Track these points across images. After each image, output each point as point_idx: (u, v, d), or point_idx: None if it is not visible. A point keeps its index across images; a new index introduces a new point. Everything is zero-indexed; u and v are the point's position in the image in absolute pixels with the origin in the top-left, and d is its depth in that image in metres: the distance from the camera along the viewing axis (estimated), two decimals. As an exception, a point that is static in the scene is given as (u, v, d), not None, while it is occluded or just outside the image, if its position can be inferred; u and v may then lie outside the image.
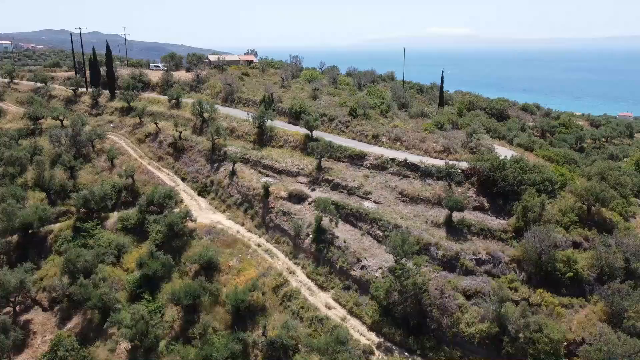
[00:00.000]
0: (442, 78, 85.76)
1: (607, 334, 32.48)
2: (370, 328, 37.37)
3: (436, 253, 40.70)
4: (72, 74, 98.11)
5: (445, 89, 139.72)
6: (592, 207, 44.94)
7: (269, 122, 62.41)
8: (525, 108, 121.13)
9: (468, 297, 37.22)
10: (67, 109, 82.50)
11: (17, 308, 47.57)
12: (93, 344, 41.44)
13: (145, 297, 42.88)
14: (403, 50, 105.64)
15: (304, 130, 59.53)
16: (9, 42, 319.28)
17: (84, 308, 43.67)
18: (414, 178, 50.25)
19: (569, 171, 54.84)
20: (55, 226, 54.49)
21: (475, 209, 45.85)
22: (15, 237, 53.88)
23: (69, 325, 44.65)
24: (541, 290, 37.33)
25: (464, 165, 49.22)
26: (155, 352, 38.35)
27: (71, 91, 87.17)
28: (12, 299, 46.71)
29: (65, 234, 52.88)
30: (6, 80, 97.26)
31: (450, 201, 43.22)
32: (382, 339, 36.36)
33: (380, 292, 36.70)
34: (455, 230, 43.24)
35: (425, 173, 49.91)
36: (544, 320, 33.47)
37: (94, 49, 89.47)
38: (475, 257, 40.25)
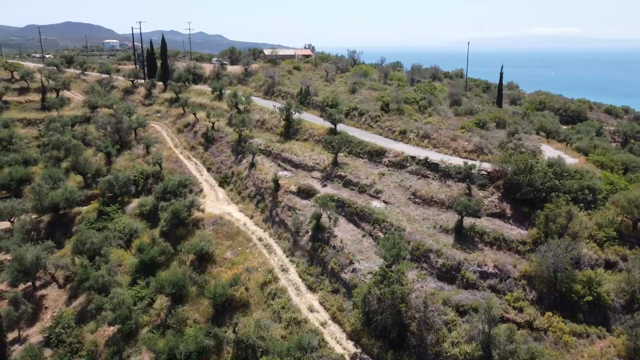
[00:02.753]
0: (501, 74, 78.77)
1: (618, 373, 26.95)
2: (350, 336, 34.20)
3: (436, 261, 36.52)
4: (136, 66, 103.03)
5: (525, 90, 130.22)
6: (638, 222, 38.24)
7: (296, 115, 60.59)
8: (609, 111, 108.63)
9: (462, 314, 32.80)
10: (125, 98, 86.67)
11: (37, 283, 49.85)
12: (87, 324, 42.07)
13: (139, 282, 42.85)
14: (467, 45, 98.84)
15: (329, 124, 57.02)
16: (116, 41, 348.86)
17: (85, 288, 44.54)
18: (433, 178, 45.97)
19: (628, 181, 47.38)
20: (83, 208, 56.69)
21: (494, 215, 40.84)
22: (47, 217, 56.80)
23: (74, 303, 45.88)
24: (550, 314, 32.10)
25: (487, 166, 44.14)
26: (134, 338, 37.95)
27: (130, 82, 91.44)
28: (34, 275, 48.95)
29: (90, 216, 54.77)
30: (78, 71, 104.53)
31: (459, 204, 38.66)
32: (359, 350, 33.07)
33: (358, 298, 33.42)
34: (464, 237, 38.65)
35: (446, 173, 45.46)
36: (539, 349, 28.51)
37: (151, 43, 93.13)
38: (479, 269, 35.57)
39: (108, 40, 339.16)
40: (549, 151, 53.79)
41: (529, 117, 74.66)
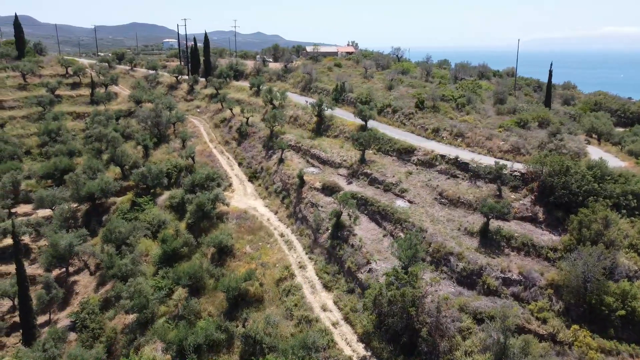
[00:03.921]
0: (550, 72, 74.40)
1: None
2: (361, 339, 32.97)
3: (456, 265, 34.63)
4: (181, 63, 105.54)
5: (583, 90, 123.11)
6: (688, 232, 34.68)
7: (329, 111, 59.74)
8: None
9: (479, 321, 30.82)
10: (169, 94, 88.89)
11: (70, 269, 51.66)
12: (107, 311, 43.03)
13: (161, 273, 43.36)
14: (517, 42, 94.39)
15: (360, 121, 55.79)
16: (175, 40, 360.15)
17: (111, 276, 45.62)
18: (462, 178, 43.83)
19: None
20: (119, 199, 58.34)
21: (524, 219, 38.26)
22: (85, 206, 58.89)
23: (102, 290, 47.15)
24: (577, 327, 29.52)
25: (520, 167, 41.57)
26: (149, 327, 38.29)
27: (174, 78, 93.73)
28: (68, 261, 50.71)
29: (123, 207, 56.25)
30: (127, 67, 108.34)
31: (485, 206, 36.48)
32: (369, 353, 31.78)
33: (369, 299, 32.13)
34: (490, 241, 36.43)
35: (476, 174, 43.21)
36: (558, 365, 26.21)
37: (195, 40, 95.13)
38: (503, 275, 33.37)
39: (167, 40, 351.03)
40: (597, 154, 50.09)
41: (581, 118, 70.30)
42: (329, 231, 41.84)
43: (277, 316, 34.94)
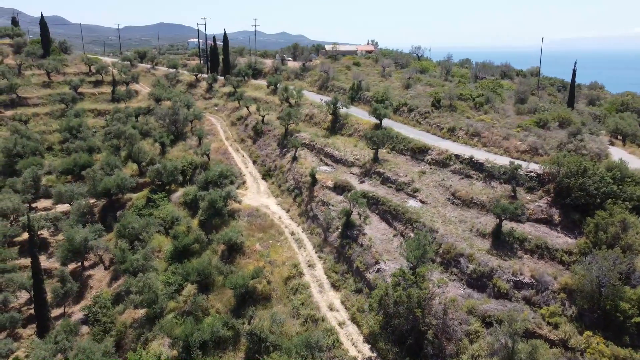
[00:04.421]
0: (573, 71, 72.25)
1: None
2: (366, 339, 32.55)
3: (466, 267, 33.84)
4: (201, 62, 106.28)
5: (612, 91, 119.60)
6: None
7: (344, 110, 59.25)
8: None
9: (488, 325, 30.04)
10: (188, 92, 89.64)
11: (86, 264, 52.39)
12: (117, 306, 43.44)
13: (171, 269, 43.58)
14: (541, 41, 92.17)
15: (374, 119, 55.20)
16: (201, 40, 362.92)
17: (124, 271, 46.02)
18: (477, 179, 42.90)
19: None
20: (135, 195, 58.95)
21: (539, 221, 37.21)
22: (102, 202, 59.72)
23: (114, 285, 47.68)
24: (590, 333, 28.49)
25: (536, 167, 40.44)
26: (158, 322, 38.43)
27: (194, 76, 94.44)
28: (83, 255, 51.43)
29: (139, 203, 56.81)
30: (148, 66, 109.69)
31: (497, 207, 35.58)
32: (374, 354, 31.34)
33: (374, 300, 31.62)
34: (502, 243, 35.51)
35: (490, 174, 42.22)
36: (568, 372, 25.28)
37: (214, 39, 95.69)
38: (514, 278, 32.48)
39: (192, 40, 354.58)
40: (620, 155, 48.44)
41: (605, 119, 68.21)
42: (339, 230, 41.45)
43: (284, 315, 34.74)
